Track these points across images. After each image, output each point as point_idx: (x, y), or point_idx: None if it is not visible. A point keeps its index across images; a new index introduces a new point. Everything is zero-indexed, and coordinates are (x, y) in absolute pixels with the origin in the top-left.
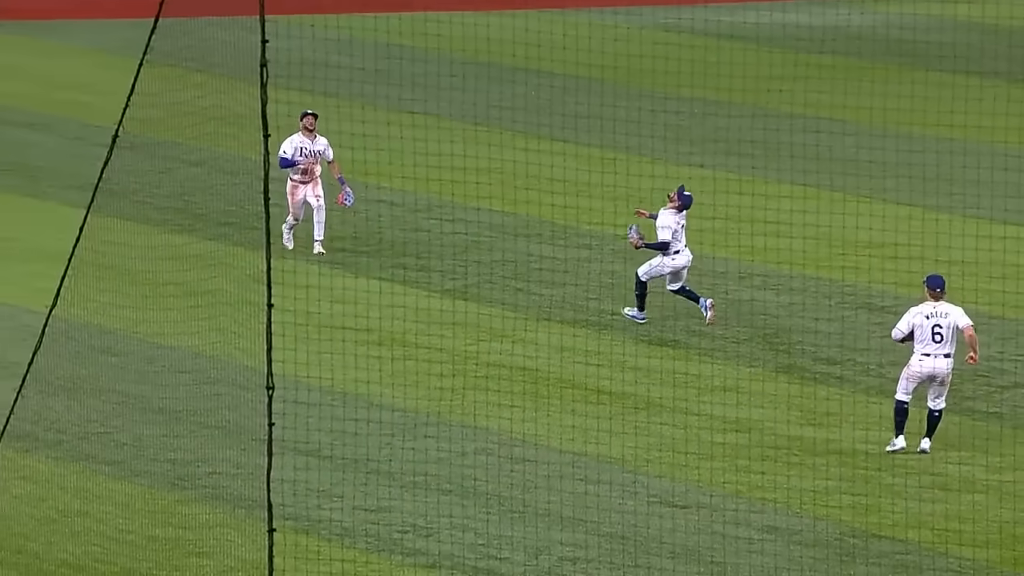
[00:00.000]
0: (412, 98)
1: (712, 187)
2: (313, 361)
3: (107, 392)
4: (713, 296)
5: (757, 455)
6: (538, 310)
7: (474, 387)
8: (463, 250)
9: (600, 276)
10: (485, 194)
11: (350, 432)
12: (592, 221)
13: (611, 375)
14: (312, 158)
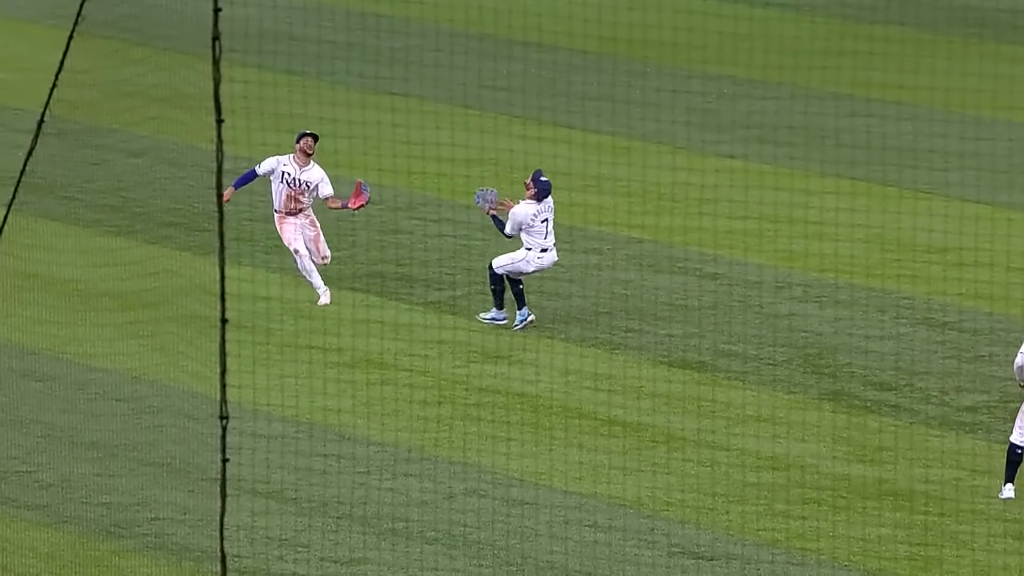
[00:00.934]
0: (390, 76)
1: (744, 181)
2: (274, 386)
3: (29, 423)
4: (744, 308)
5: (797, 497)
6: (539, 326)
7: (464, 417)
8: (451, 256)
9: (612, 286)
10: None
11: (317, 470)
12: (603, 221)
13: (625, 403)
14: (297, 188)
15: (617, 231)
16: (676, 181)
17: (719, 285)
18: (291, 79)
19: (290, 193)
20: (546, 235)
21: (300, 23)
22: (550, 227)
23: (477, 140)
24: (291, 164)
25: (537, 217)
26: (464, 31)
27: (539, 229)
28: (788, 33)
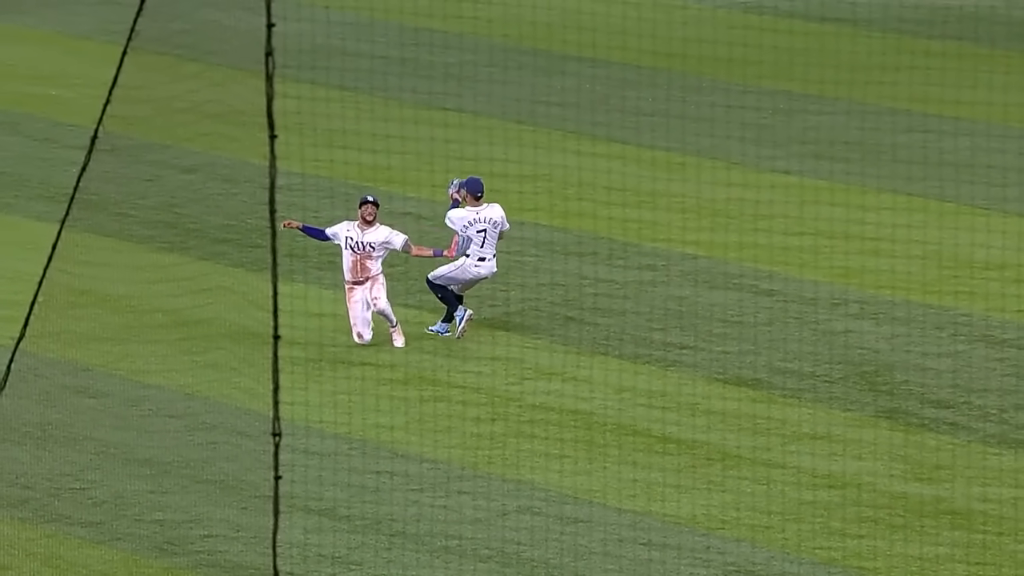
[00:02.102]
0: (443, 92)
1: (800, 196)
2: (327, 403)
3: (83, 440)
4: (800, 325)
5: (854, 516)
6: (593, 343)
7: (517, 434)
8: (504, 272)
9: (666, 302)
10: (530, 205)
11: (370, 487)
12: (657, 238)
13: (679, 420)
14: (363, 252)
15: (672, 247)
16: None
17: (775, 302)
18: (344, 95)
19: (355, 259)
20: (483, 244)
21: (353, 38)
22: (488, 238)
23: (531, 156)
24: (354, 229)
25: (472, 226)
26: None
27: (475, 239)
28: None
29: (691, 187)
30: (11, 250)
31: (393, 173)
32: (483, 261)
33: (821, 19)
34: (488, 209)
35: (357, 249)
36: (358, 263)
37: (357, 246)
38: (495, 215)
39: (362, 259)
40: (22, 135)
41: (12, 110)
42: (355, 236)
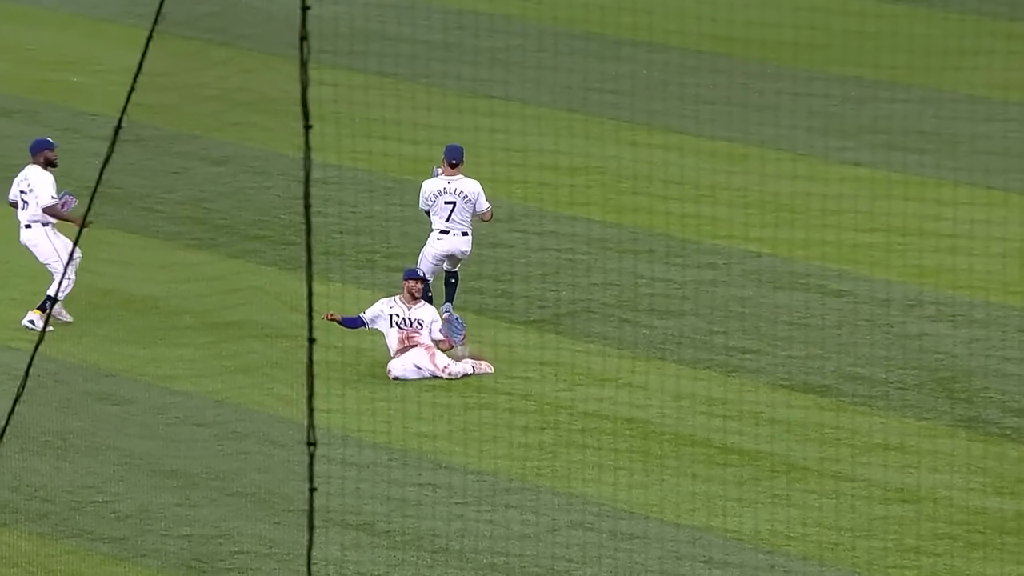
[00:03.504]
0: (490, 79)
1: (871, 190)
2: (365, 411)
3: (106, 450)
4: (872, 328)
5: (930, 532)
6: (649, 347)
7: (568, 444)
8: (554, 271)
9: (728, 304)
10: (582, 200)
11: (412, 501)
12: (718, 234)
13: (742, 429)
14: (411, 328)
15: (734, 244)
16: (797, 191)
17: (844, 303)
18: (384, 81)
19: (402, 336)
20: (448, 217)
21: (394, 21)
22: (456, 212)
23: (583, 147)
24: (397, 305)
25: (440, 196)
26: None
27: (440, 209)
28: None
29: (754, 180)
30: None
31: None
32: (445, 234)
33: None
34: (461, 181)
35: (404, 326)
36: (406, 339)
37: (404, 323)
38: (468, 188)
39: (410, 334)
40: (41, 124)
41: (31, 98)
42: (401, 313)
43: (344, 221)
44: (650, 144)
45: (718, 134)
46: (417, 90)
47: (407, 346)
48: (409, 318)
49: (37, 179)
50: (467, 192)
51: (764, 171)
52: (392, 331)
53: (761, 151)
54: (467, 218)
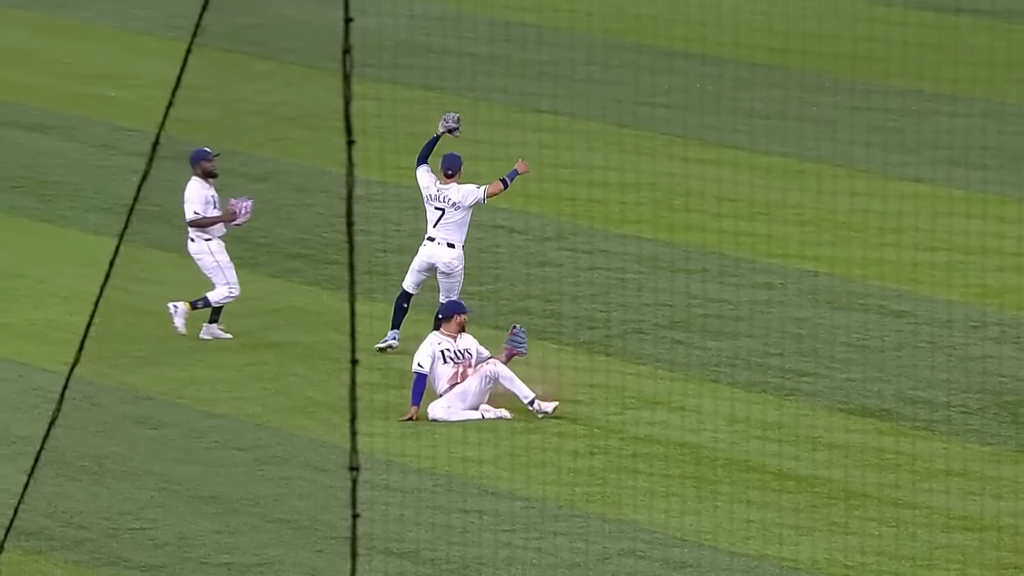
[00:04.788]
0: (538, 92)
1: (932, 207)
2: (409, 435)
3: (143, 475)
4: (934, 350)
5: (993, 562)
6: (703, 369)
7: (619, 469)
8: (604, 291)
9: (784, 325)
10: (633, 217)
11: (457, 528)
12: (774, 253)
13: (798, 454)
14: (464, 360)
15: (790, 263)
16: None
17: (905, 324)
18: (428, 95)
19: (455, 371)
20: (436, 223)
21: (439, 34)
22: (443, 221)
23: (634, 163)
24: (444, 340)
25: (431, 200)
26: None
27: (429, 214)
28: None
29: (811, 197)
30: (65, 267)
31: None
32: (431, 242)
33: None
34: (452, 189)
35: (458, 359)
36: (461, 373)
37: (457, 356)
38: (457, 195)
39: (464, 367)
40: (77, 140)
41: (67, 113)
42: (450, 346)
43: (388, 239)
44: (703, 160)
45: (774, 149)
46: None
47: (459, 381)
48: (459, 350)
49: (189, 191)
50: (456, 199)
51: (821, 188)
52: (446, 367)
53: (818, 167)
54: (453, 230)
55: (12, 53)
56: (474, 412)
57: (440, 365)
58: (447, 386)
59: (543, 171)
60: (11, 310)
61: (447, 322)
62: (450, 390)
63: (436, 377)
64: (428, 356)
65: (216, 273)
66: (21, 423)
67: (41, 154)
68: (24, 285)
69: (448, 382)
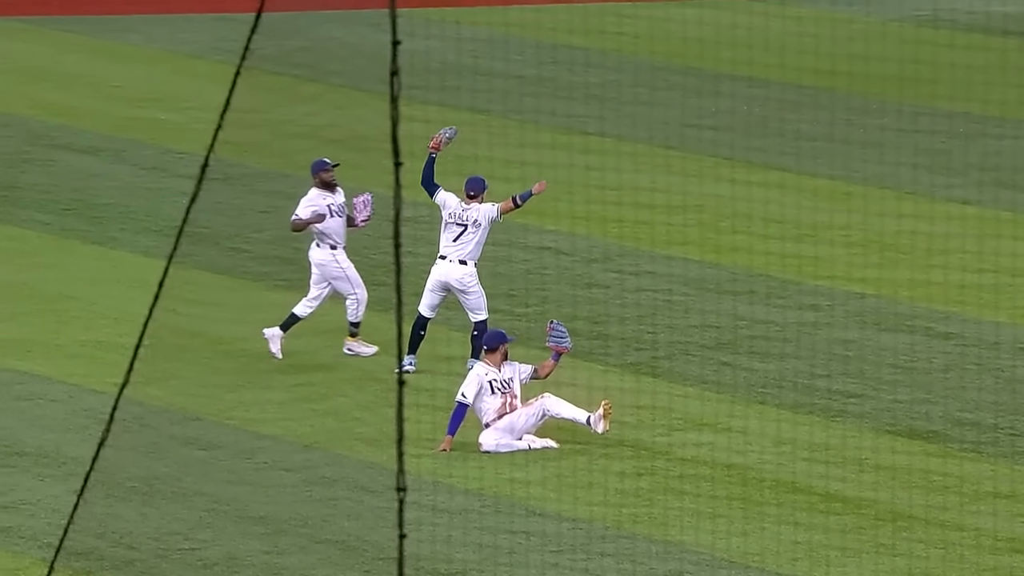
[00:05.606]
0: (585, 115)
1: (979, 229)
2: (457, 456)
3: (192, 496)
4: (981, 371)
5: None
6: (750, 390)
7: (666, 490)
8: (651, 312)
9: (831, 346)
10: (680, 239)
11: (504, 549)
12: (820, 274)
13: (846, 476)
14: (509, 390)
15: (837, 285)
16: (903, 230)
17: (953, 346)
18: (475, 117)
19: (503, 401)
20: (455, 239)
21: (486, 56)
22: (462, 238)
23: (680, 185)
24: (491, 370)
25: (453, 218)
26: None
27: (449, 230)
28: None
29: (858, 219)
30: (116, 288)
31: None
32: (443, 260)
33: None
34: (473, 209)
35: (504, 389)
36: (507, 404)
37: (503, 386)
38: (479, 214)
39: (510, 397)
40: (128, 163)
41: (118, 136)
42: (497, 377)
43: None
44: (750, 182)
45: (820, 171)
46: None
47: (507, 411)
48: (504, 380)
49: (303, 198)
50: (478, 218)
51: (868, 209)
52: (494, 398)
53: (865, 189)
54: (470, 248)
55: (64, 77)
56: (521, 443)
57: (487, 396)
58: (495, 416)
59: (590, 193)
60: (62, 331)
61: (492, 353)
62: (498, 420)
63: (483, 408)
64: (475, 387)
65: (343, 283)
66: (71, 444)
67: (92, 177)
68: (75, 307)
69: (496, 413)
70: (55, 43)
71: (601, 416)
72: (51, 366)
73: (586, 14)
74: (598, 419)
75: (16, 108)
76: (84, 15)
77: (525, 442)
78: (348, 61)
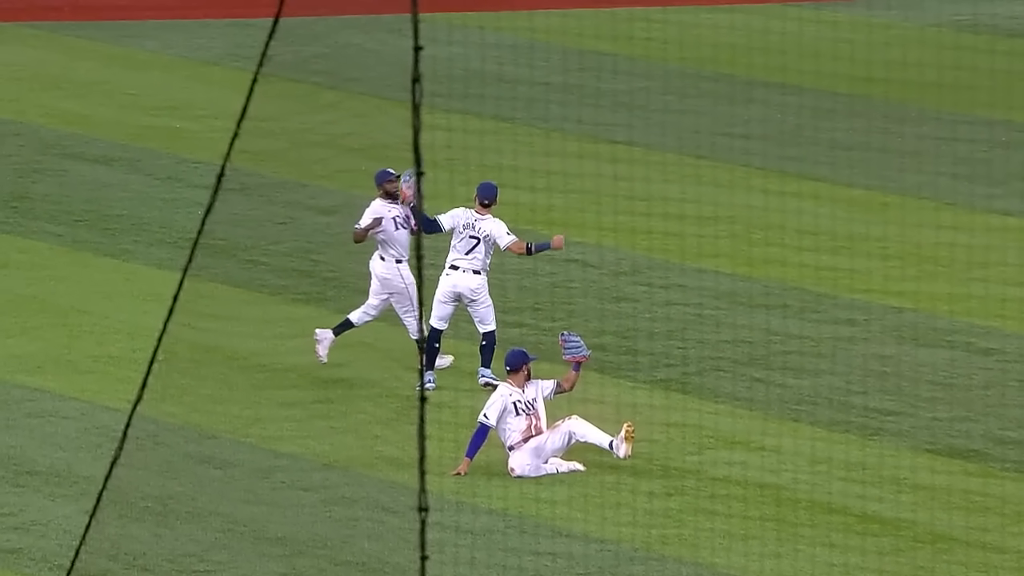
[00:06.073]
0: (613, 123)
1: (1021, 241)
2: (480, 475)
3: (208, 516)
4: (1022, 387)
5: None
6: (783, 407)
7: (696, 511)
8: (681, 327)
9: (868, 362)
10: (711, 251)
11: (529, 570)
12: (857, 288)
13: (883, 496)
14: (534, 410)
15: (873, 299)
16: (942, 242)
17: (994, 362)
18: (500, 126)
19: (528, 423)
20: (468, 252)
21: (511, 63)
22: (476, 250)
23: (712, 195)
24: (514, 391)
25: (466, 229)
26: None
27: (463, 243)
28: None
29: (896, 230)
30: (129, 302)
31: (555, 214)
32: (455, 270)
33: None
34: (488, 221)
35: (529, 410)
36: (532, 426)
37: (528, 407)
38: (492, 229)
39: (535, 419)
40: (142, 173)
41: (132, 145)
42: (521, 398)
43: None
44: (783, 192)
45: (857, 181)
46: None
47: (532, 433)
48: (528, 401)
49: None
50: (491, 232)
51: (906, 221)
52: (518, 419)
53: (903, 199)
54: (482, 259)
55: (77, 84)
56: (548, 467)
57: (512, 417)
58: (520, 439)
59: (618, 204)
60: (73, 346)
61: (515, 373)
62: (523, 443)
63: (507, 429)
64: (498, 409)
65: (403, 298)
66: (83, 462)
67: (105, 187)
68: (87, 321)
69: (522, 435)
70: (68, 50)
71: (623, 439)
72: (63, 382)
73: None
74: (620, 442)
75: (28, 116)
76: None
77: (552, 465)
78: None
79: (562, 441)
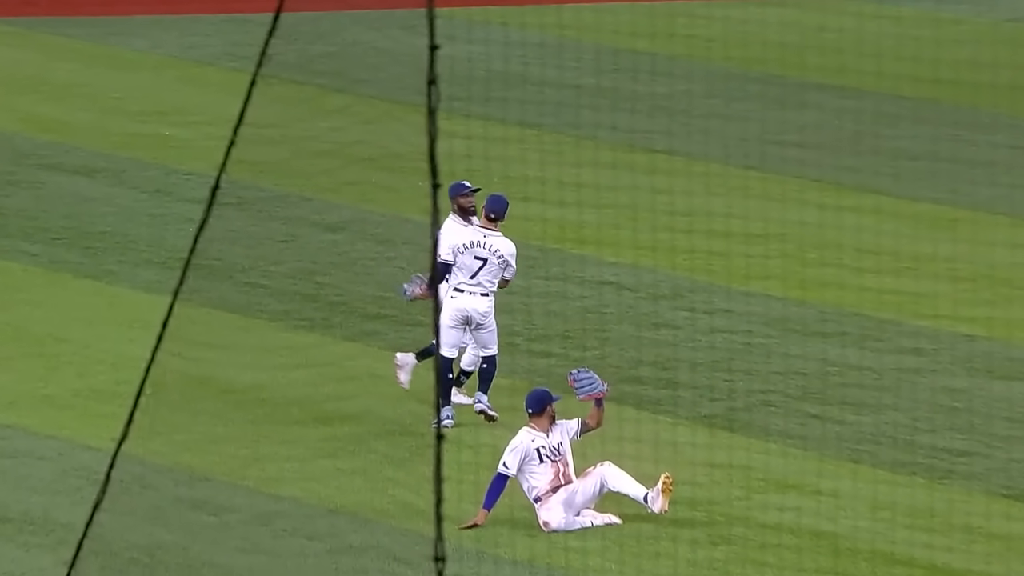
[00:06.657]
0: (650, 130)
1: None
2: (503, 520)
3: (201, 567)
4: None
5: None
6: (841, 447)
7: (745, 561)
8: (727, 357)
9: (935, 395)
10: (760, 273)
11: None
12: (923, 313)
13: (952, 545)
14: (560, 456)
15: (942, 326)
16: (1018, 262)
17: None
18: (525, 133)
19: (556, 470)
20: (473, 275)
21: (538, 63)
22: (483, 271)
23: (761, 210)
24: (538, 436)
25: (470, 250)
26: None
27: (467, 265)
28: None
29: (966, 249)
30: (113, 329)
31: (587, 231)
32: (460, 293)
33: None
34: (499, 238)
35: (554, 456)
36: (559, 474)
37: (553, 453)
38: (504, 248)
39: (562, 465)
40: (127, 186)
41: (117, 154)
42: (545, 443)
43: None
44: (841, 207)
45: (923, 195)
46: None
47: (561, 483)
48: (553, 446)
49: (443, 231)
50: (503, 252)
51: (978, 239)
52: (543, 467)
53: (974, 215)
54: (490, 280)
55: (56, 87)
56: (583, 519)
57: (536, 465)
58: (547, 488)
59: (657, 219)
60: (51, 379)
61: (538, 416)
62: (551, 494)
63: (531, 478)
64: (519, 456)
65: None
66: (61, 508)
67: (87, 201)
68: (67, 350)
69: (549, 485)
70: (45, 48)
71: (659, 492)
72: (39, 419)
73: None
74: (656, 495)
75: (1, 123)
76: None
77: (587, 518)
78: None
79: (594, 490)
